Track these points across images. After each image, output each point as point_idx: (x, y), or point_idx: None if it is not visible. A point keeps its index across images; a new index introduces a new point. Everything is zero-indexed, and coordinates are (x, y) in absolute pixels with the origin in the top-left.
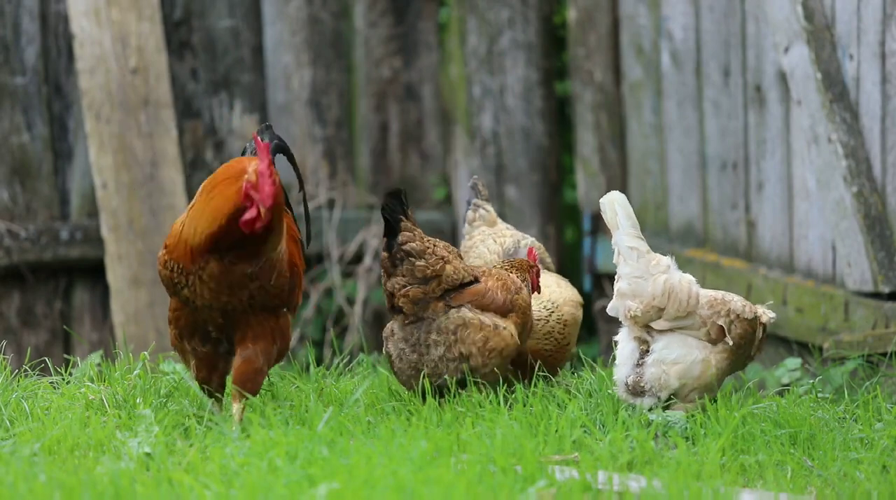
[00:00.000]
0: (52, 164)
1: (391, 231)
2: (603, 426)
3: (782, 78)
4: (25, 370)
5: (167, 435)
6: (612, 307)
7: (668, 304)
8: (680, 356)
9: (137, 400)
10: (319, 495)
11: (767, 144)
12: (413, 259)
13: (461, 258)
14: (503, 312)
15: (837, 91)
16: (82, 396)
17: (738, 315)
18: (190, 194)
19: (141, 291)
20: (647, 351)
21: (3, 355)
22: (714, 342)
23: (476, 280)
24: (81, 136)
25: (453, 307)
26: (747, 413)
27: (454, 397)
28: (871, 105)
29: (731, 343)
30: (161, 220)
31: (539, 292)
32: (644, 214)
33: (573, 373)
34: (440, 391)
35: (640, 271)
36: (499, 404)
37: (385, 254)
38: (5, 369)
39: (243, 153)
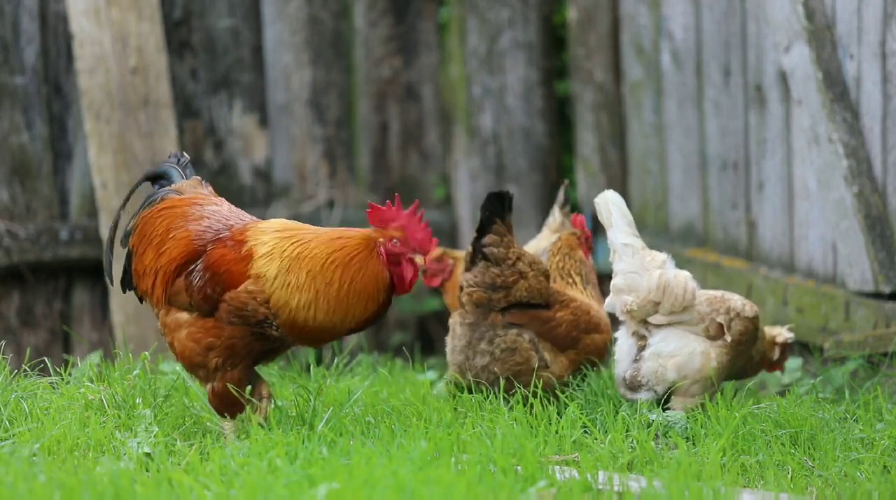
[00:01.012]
0: (52, 164)
1: (482, 230)
2: (603, 425)
3: (783, 78)
4: (25, 370)
5: (167, 435)
6: (609, 303)
7: (664, 298)
8: (677, 349)
9: (137, 400)
10: (319, 495)
11: (768, 143)
12: (489, 264)
13: (547, 280)
14: (562, 346)
15: (838, 91)
16: (82, 396)
17: (737, 313)
18: None
19: None
20: (645, 347)
21: (3, 355)
22: (713, 339)
23: (547, 306)
24: (81, 136)
25: (513, 324)
26: (748, 413)
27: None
28: (872, 105)
29: (729, 339)
30: None
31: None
32: (644, 214)
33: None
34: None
35: (634, 266)
36: (499, 404)
37: (469, 248)
38: (5, 369)
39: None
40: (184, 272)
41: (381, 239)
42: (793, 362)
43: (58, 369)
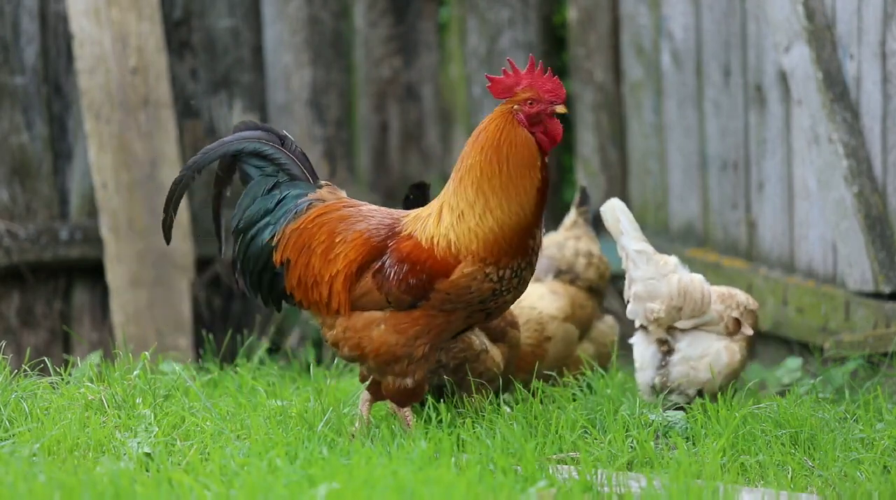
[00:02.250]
0: (52, 164)
1: None
2: (602, 425)
3: (783, 78)
4: (25, 370)
5: (167, 435)
6: (632, 311)
7: (685, 303)
8: (705, 350)
9: (137, 400)
10: (319, 495)
11: (768, 143)
12: None
13: None
14: (493, 337)
15: (838, 91)
16: (82, 396)
17: (746, 307)
18: (190, 193)
19: (141, 291)
20: (668, 352)
21: (3, 355)
22: (731, 334)
23: None
24: (81, 136)
25: None
26: (748, 413)
27: (452, 397)
28: (872, 105)
29: (751, 332)
30: (161, 220)
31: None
32: (644, 214)
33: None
34: (439, 392)
35: (652, 272)
36: (498, 404)
37: None
38: (5, 369)
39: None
40: (366, 272)
41: (514, 107)
42: (793, 362)
43: (58, 369)
